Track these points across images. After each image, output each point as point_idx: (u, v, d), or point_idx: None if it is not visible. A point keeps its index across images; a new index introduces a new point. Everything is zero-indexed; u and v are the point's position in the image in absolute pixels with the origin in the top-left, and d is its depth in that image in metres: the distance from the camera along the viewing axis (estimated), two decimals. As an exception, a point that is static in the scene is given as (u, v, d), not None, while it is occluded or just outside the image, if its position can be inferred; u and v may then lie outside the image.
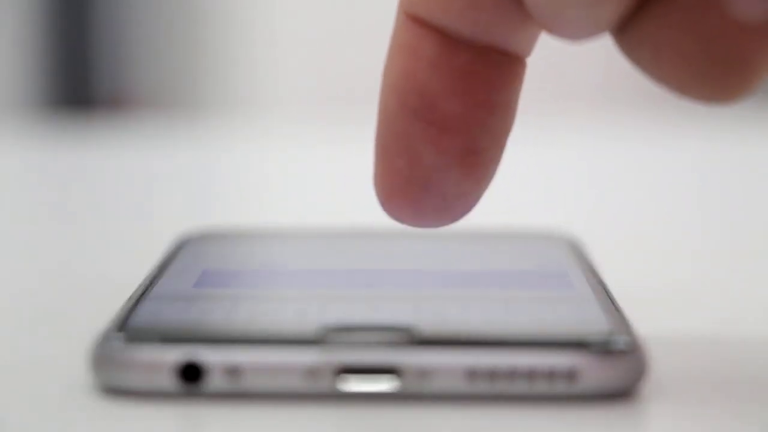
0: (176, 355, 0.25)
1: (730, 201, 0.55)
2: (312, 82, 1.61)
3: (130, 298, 0.29)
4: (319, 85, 1.59)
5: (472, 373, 0.25)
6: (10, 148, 0.71)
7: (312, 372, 0.25)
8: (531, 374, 0.25)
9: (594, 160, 0.68)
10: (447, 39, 0.25)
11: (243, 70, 1.64)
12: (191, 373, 0.25)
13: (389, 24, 0.26)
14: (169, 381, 0.25)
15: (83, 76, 1.62)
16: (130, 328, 0.26)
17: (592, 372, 0.25)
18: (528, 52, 0.26)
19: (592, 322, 0.27)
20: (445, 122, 0.25)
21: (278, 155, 0.71)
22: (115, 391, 0.25)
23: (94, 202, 0.56)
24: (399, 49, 0.26)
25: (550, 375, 0.25)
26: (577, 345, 0.25)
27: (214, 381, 0.25)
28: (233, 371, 0.25)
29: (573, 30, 0.24)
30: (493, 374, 0.25)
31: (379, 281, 0.30)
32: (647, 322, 0.28)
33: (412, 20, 0.25)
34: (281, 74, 1.63)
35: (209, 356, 0.25)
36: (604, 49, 0.29)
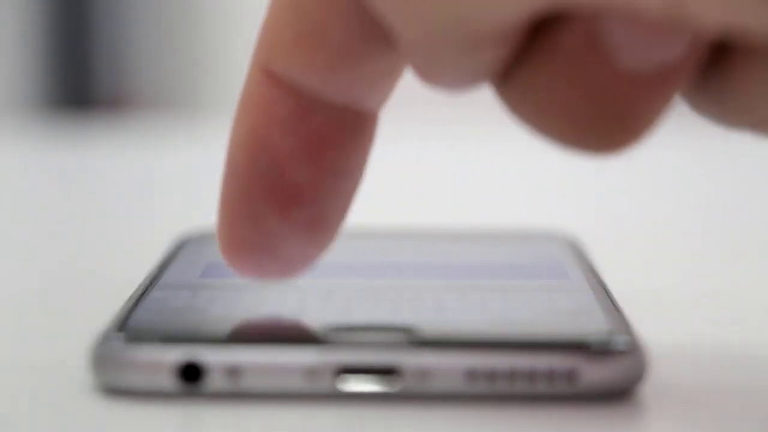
0: (176, 355, 0.25)
1: (731, 201, 0.55)
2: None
3: (130, 298, 0.29)
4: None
5: (472, 374, 0.25)
6: (10, 148, 0.71)
7: (312, 372, 0.25)
8: (531, 374, 0.25)
9: (594, 160, 0.68)
10: (303, 101, 0.24)
11: (243, 70, 1.64)
12: (191, 373, 0.25)
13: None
14: (169, 381, 0.25)
15: (83, 76, 1.62)
16: (130, 328, 0.26)
17: (592, 372, 0.25)
18: (382, 107, 0.25)
19: (592, 322, 0.27)
20: (295, 191, 0.25)
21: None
22: (115, 391, 0.25)
23: (94, 202, 0.56)
24: (251, 106, 0.24)
25: (550, 375, 0.25)
26: (577, 345, 0.25)
27: (214, 381, 0.25)
28: (233, 371, 0.25)
29: (450, 79, 0.22)
30: (493, 374, 0.25)
31: (379, 281, 0.30)
32: (647, 322, 0.28)
33: (268, 77, 0.24)
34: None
35: (209, 356, 0.25)
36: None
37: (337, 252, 0.34)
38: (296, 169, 0.24)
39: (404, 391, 0.25)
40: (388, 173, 0.58)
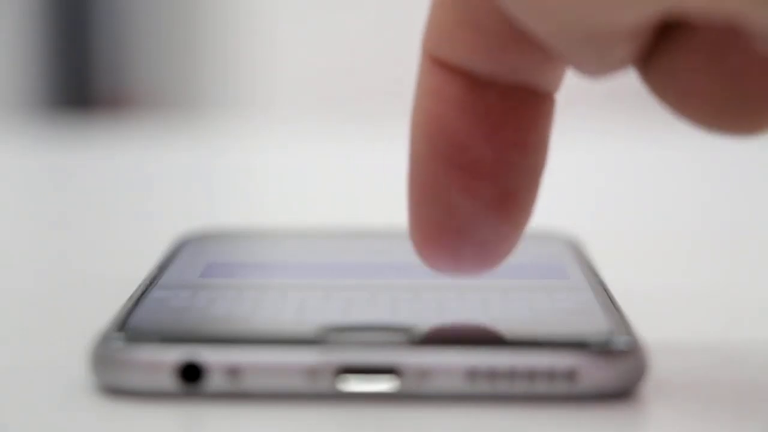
0: (176, 355, 0.25)
1: (731, 201, 0.55)
2: (312, 81, 1.61)
3: (130, 298, 0.29)
4: (319, 85, 1.59)
5: (472, 373, 0.25)
6: (10, 148, 0.71)
7: (312, 372, 0.25)
8: (531, 374, 0.25)
9: (594, 160, 0.68)
10: (474, 81, 0.25)
11: (243, 69, 1.64)
12: (191, 373, 0.25)
13: (389, 24, 0.26)
14: (169, 381, 0.25)
15: (83, 76, 1.62)
16: (130, 328, 0.26)
17: (592, 372, 0.25)
18: (556, 88, 0.25)
19: (592, 322, 0.27)
20: (478, 167, 0.25)
21: (278, 155, 0.71)
22: (115, 391, 0.25)
23: (94, 202, 0.56)
24: (425, 93, 0.25)
25: (550, 375, 0.25)
26: (577, 345, 0.25)
27: (214, 381, 0.25)
28: (233, 371, 0.25)
29: (592, 69, 0.23)
30: (493, 374, 0.25)
31: (379, 281, 0.30)
32: (647, 322, 0.28)
33: (437, 63, 0.25)
34: (281, 74, 1.63)
35: (209, 356, 0.25)
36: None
37: (337, 252, 0.34)
38: (477, 147, 0.25)
39: (404, 391, 0.25)
40: (388, 173, 0.58)
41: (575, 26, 0.22)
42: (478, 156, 0.25)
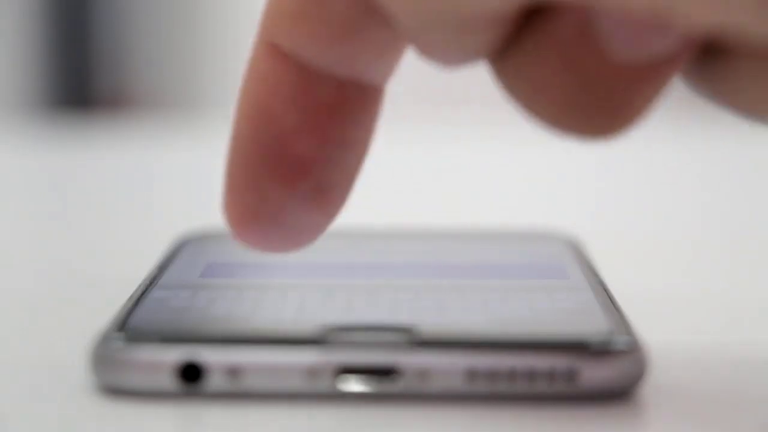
0: (176, 355, 0.25)
1: (732, 201, 0.55)
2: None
3: (130, 298, 0.29)
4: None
5: (472, 374, 0.25)
6: (10, 148, 0.71)
7: (312, 372, 0.25)
8: (531, 374, 0.25)
9: (594, 160, 0.68)
10: (306, 72, 0.24)
11: (242, 69, 1.64)
12: (191, 373, 0.25)
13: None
14: (169, 381, 0.25)
15: (83, 75, 1.62)
16: (130, 328, 0.26)
17: (592, 372, 0.25)
18: (387, 81, 0.25)
19: (592, 322, 0.27)
20: (297, 161, 0.25)
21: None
22: (115, 391, 0.25)
23: (95, 202, 0.56)
24: (255, 79, 0.25)
25: (550, 375, 0.25)
26: (577, 345, 0.25)
27: (214, 381, 0.25)
28: (233, 371, 0.25)
29: (443, 57, 0.23)
30: (493, 374, 0.25)
31: (379, 281, 0.30)
32: (647, 322, 0.28)
33: (272, 50, 0.24)
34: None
35: (209, 356, 0.25)
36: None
37: (337, 252, 0.34)
38: (300, 141, 0.25)
39: (404, 391, 0.25)
40: (389, 173, 0.58)
41: (439, 7, 0.21)
42: (299, 150, 0.25)
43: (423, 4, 0.22)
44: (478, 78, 0.30)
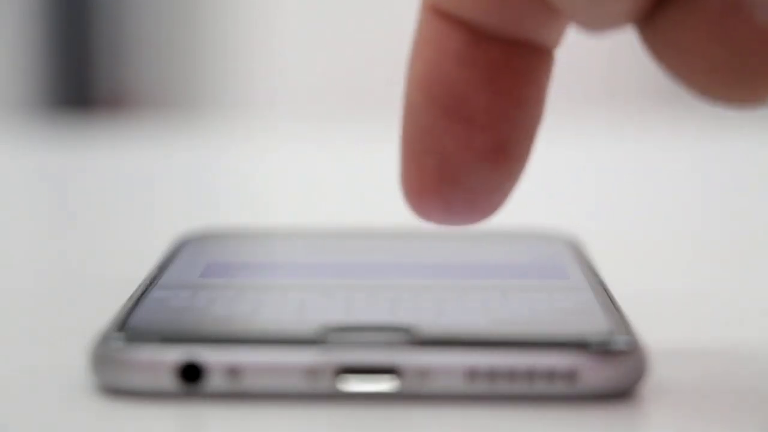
0: (176, 355, 0.25)
1: (732, 202, 0.55)
2: (312, 81, 1.61)
3: (130, 298, 0.29)
4: (319, 85, 1.59)
5: (472, 373, 0.25)
6: (10, 148, 0.71)
7: (312, 372, 0.25)
8: (531, 374, 0.25)
9: (595, 160, 0.68)
10: (473, 32, 0.25)
11: (242, 69, 1.64)
12: (191, 373, 0.25)
13: (389, 25, 0.26)
14: (169, 381, 0.25)
15: (83, 76, 1.62)
16: (130, 328, 0.26)
17: (592, 372, 0.25)
18: (556, 45, 0.25)
19: (592, 322, 0.27)
20: (474, 117, 0.25)
21: (278, 155, 0.71)
22: (115, 391, 0.25)
23: (94, 202, 0.56)
24: (424, 43, 0.25)
25: (550, 375, 0.25)
26: (577, 345, 0.25)
27: (214, 381, 0.25)
28: (233, 371, 0.25)
29: (592, 22, 0.23)
30: (493, 374, 0.25)
31: (379, 281, 0.30)
32: (647, 323, 0.28)
33: (437, 14, 0.25)
34: (281, 74, 1.63)
35: (209, 356, 0.25)
36: (605, 48, 0.29)
37: (337, 252, 0.34)
38: (475, 96, 0.25)
39: (404, 391, 0.25)
40: (389, 173, 0.58)
41: None
42: (475, 106, 0.25)
43: None
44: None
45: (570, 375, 0.25)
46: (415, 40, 0.25)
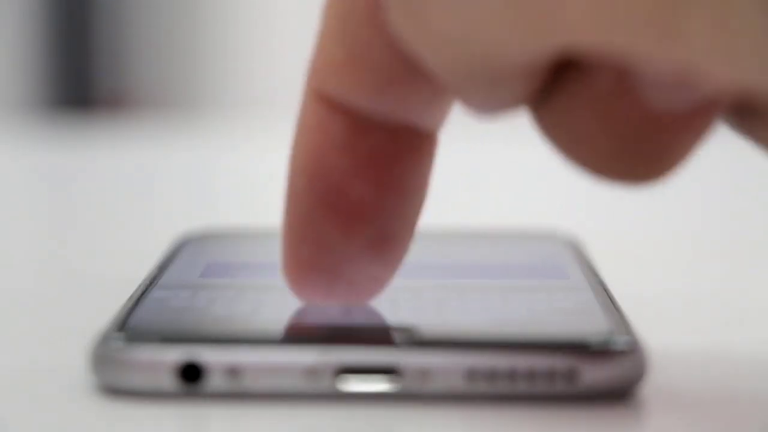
0: (176, 355, 0.25)
1: (732, 202, 0.55)
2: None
3: (130, 298, 0.29)
4: (319, 85, 1.58)
5: (472, 373, 0.25)
6: (10, 148, 0.71)
7: (312, 372, 0.25)
8: (531, 374, 0.25)
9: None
10: (357, 120, 0.24)
11: (243, 69, 1.64)
12: (191, 373, 0.25)
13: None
14: (169, 381, 0.25)
15: (83, 76, 1.62)
16: (130, 328, 0.26)
17: (592, 372, 0.25)
18: (439, 127, 0.25)
19: (591, 322, 0.27)
20: (355, 209, 0.25)
21: (278, 155, 0.71)
22: (115, 391, 0.25)
23: (94, 202, 0.56)
24: (307, 129, 0.25)
25: (550, 375, 0.25)
26: (577, 345, 0.25)
27: (214, 381, 0.25)
28: (233, 371, 0.25)
29: (483, 105, 0.23)
30: (492, 374, 0.25)
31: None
32: (647, 323, 0.28)
33: (321, 99, 0.24)
34: (281, 74, 1.63)
35: (209, 356, 0.25)
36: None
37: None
38: (357, 187, 0.25)
39: (404, 391, 0.25)
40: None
41: (468, 60, 0.21)
42: (357, 198, 0.25)
43: (455, 61, 0.21)
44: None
45: (570, 375, 0.25)
46: (298, 124, 0.25)
